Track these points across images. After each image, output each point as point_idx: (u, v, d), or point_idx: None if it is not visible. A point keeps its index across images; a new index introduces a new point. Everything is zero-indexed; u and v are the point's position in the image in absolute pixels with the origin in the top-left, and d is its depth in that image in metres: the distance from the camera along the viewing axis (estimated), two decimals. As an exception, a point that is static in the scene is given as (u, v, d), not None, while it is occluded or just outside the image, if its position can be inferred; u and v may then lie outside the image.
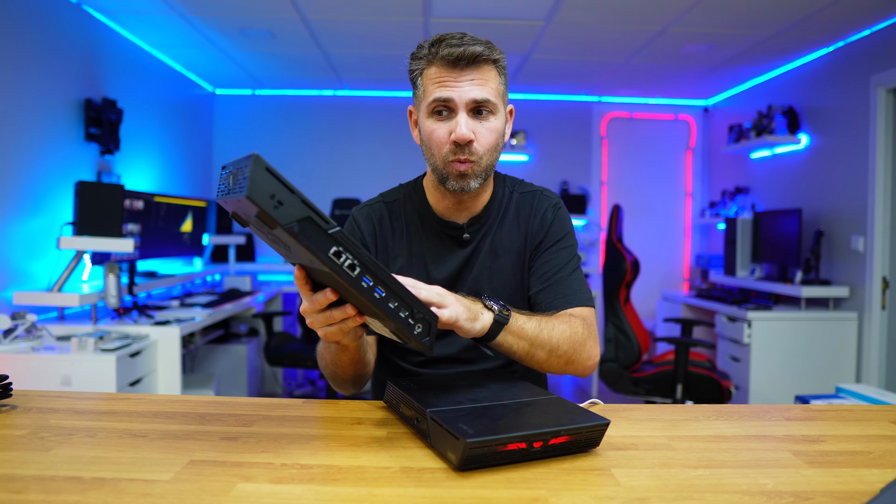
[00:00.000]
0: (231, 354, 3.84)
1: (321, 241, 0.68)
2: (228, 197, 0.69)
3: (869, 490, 0.68)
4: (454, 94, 1.01)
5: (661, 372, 2.96)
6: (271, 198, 0.64)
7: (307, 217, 0.67)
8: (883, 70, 3.14)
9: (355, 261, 0.70)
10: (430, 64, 1.05)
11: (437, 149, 1.04)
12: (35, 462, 0.73)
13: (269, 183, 0.64)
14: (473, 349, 1.14)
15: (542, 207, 1.17)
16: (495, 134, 1.05)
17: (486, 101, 1.02)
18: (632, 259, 3.12)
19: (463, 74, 1.01)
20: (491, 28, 3.34)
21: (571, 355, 1.02)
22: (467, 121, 1.02)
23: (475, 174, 1.05)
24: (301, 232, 0.66)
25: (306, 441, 0.82)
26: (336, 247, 0.69)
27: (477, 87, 1.02)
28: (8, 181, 2.53)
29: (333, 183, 4.86)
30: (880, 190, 3.18)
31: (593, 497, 0.65)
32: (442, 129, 1.03)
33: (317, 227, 0.67)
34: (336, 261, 0.69)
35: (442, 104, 1.02)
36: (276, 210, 0.65)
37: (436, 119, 1.04)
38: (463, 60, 1.01)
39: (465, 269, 1.14)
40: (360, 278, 0.71)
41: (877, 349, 3.26)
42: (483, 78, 1.02)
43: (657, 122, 5.11)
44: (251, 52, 3.85)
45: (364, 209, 1.19)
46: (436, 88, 1.03)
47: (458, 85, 1.01)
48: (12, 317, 2.31)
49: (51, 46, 2.79)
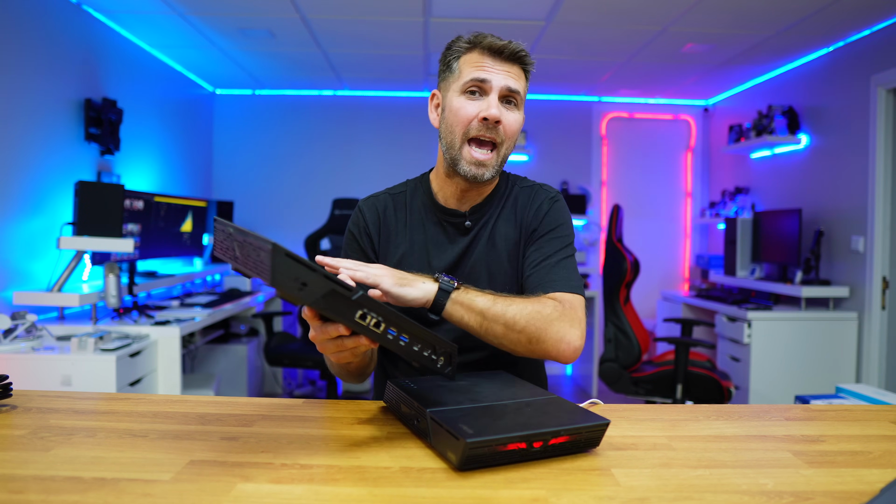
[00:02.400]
0: (231, 354, 3.84)
1: (346, 309, 0.73)
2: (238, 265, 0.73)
3: (869, 490, 0.68)
4: (492, 77, 1.08)
5: (661, 372, 2.96)
6: (295, 281, 0.68)
7: (331, 290, 0.71)
8: (883, 70, 3.14)
9: (379, 318, 0.76)
10: (471, 49, 1.11)
11: (461, 125, 1.09)
12: (35, 462, 0.73)
13: (293, 269, 0.68)
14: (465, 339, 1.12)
15: (539, 199, 1.19)
16: (517, 125, 1.12)
17: (517, 92, 1.10)
18: (632, 259, 3.12)
19: (502, 64, 1.10)
20: (491, 28, 3.31)
21: (534, 333, 0.99)
22: (497, 103, 1.08)
23: (492, 165, 1.10)
24: (327, 307, 0.71)
25: (306, 441, 0.82)
26: (361, 310, 0.74)
27: (512, 78, 1.10)
28: (8, 181, 2.53)
29: (333, 183, 4.86)
30: (880, 190, 3.18)
31: (593, 497, 0.65)
32: (471, 107, 1.09)
33: (341, 297, 0.72)
34: (362, 323, 0.75)
35: (478, 84, 1.09)
36: (301, 292, 0.69)
37: (467, 97, 1.10)
38: (506, 52, 1.09)
39: (464, 257, 1.17)
40: (386, 332, 0.77)
41: (877, 349, 3.26)
42: (517, 74, 1.11)
43: (657, 122, 5.11)
44: (251, 52, 3.85)
45: (370, 200, 1.23)
46: (474, 70, 1.09)
47: (496, 72, 1.09)
48: (12, 317, 2.31)
49: (51, 46, 2.79)
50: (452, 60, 1.13)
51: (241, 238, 0.72)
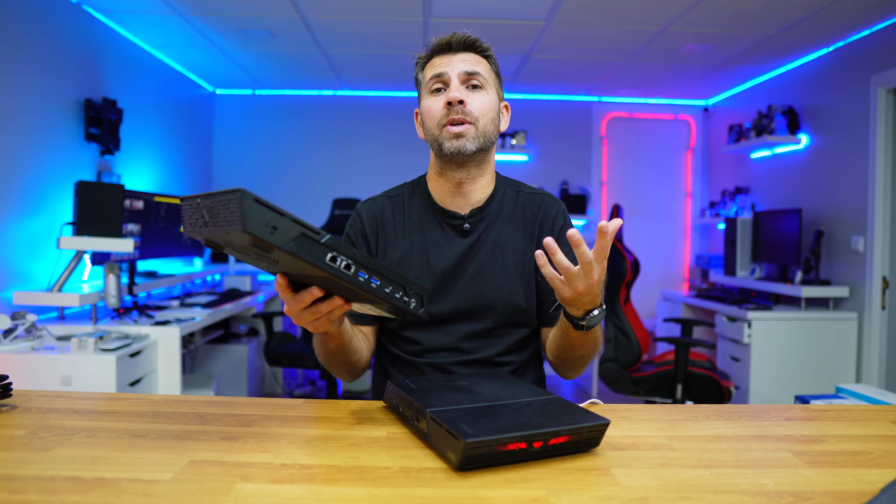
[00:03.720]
0: (231, 354, 3.84)
1: (317, 253, 0.74)
2: (208, 230, 0.73)
3: (869, 490, 0.68)
4: (446, 69, 1.13)
5: (661, 372, 2.96)
6: (265, 225, 0.69)
7: (301, 234, 0.72)
8: (883, 70, 3.14)
9: (349, 260, 0.77)
10: (429, 57, 1.18)
11: (434, 119, 1.13)
12: (35, 462, 0.73)
13: (262, 213, 0.69)
14: (472, 339, 1.15)
15: (553, 211, 1.21)
16: (488, 103, 1.14)
17: (475, 72, 1.13)
18: (632, 259, 3.12)
19: (454, 55, 1.14)
20: (491, 28, 3.34)
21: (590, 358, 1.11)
22: (459, 87, 1.12)
23: (471, 136, 1.11)
24: (299, 250, 0.72)
25: (306, 441, 0.82)
26: (331, 253, 0.75)
27: (467, 63, 1.13)
28: (8, 181, 2.53)
29: (333, 183, 4.86)
30: (880, 190, 3.18)
31: (593, 497, 0.65)
32: (438, 101, 1.13)
33: (311, 241, 0.73)
34: (333, 265, 0.75)
35: (438, 80, 1.13)
36: (272, 236, 0.70)
37: (434, 95, 1.14)
38: (453, 43, 1.14)
39: (465, 260, 1.17)
40: (357, 274, 0.78)
41: (877, 349, 3.26)
42: (473, 60, 1.15)
43: (657, 122, 5.11)
44: (251, 52, 3.85)
45: (367, 203, 1.24)
46: (431, 69, 1.15)
47: (451, 63, 1.13)
48: (12, 317, 2.31)
49: (51, 46, 2.79)
50: (418, 73, 1.20)
51: (208, 202, 0.72)
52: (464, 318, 1.16)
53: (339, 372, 1.13)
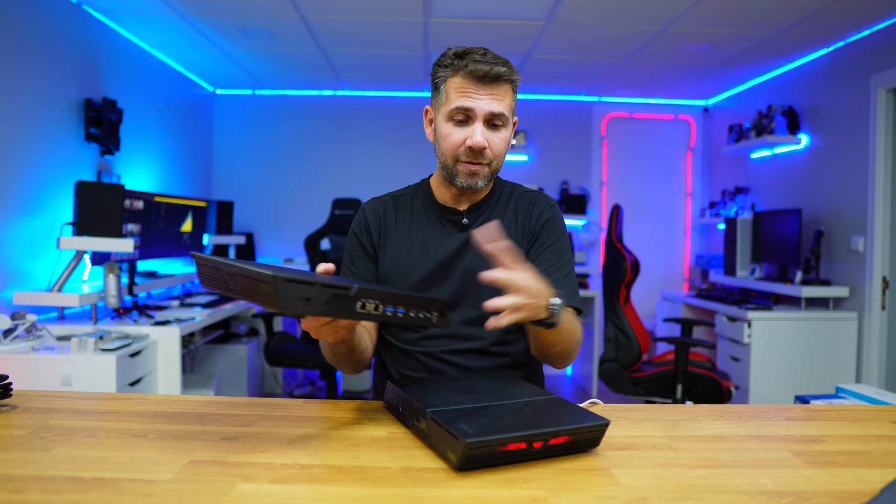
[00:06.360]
0: (231, 354, 3.84)
1: (349, 306, 0.78)
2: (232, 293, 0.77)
3: (869, 490, 0.68)
4: (475, 105, 1.12)
5: (661, 372, 2.96)
6: (300, 300, 0.73)
7: (332, 296, 0.76)
8: (883, 70, 3.14)
9: (377, 301, 0.81)
10: (455, 73, 1.14)
11: (451, 151, 1.16)
12: (35, 462, 0.73)
13: (295, 290, 0.72)
14: (468, 325, 1.19)
15: (541, 206, 1.27)
16: (504, 143, 1.18)
17: (500, 114, 1.14)
18: (632, 259, 3.12)
19: (485, 89, 1.12)
20: (491, 28, 3.34)
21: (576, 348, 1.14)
22: (483, 130, 1.13)
23: (484, 175, 1.17)
24: (332, 311, 0.76)
25: (306, 441, 0.82)
26: (360, 301, 0.79)
27: (495, 102, 1.13)
28: (8, 181, 2.53)
29: (333, 183, 4.86)
30: (880, 190, 3.18)
31: (593, 497, 0.65)
32: (458, 135, 1.14)
33: (342, 298, 0.77)
34: (363, 311, 0.80)
35: (462, 112, 1.13)
36: (307, 307, 0.73)
37: (454, 125, 1.15)
38: (487, 78, 1.12)
39: (461, 252, 1.21)
40: (384, 311, 0.83)
41: (877, 349, 3.26)
42: (501, 94, 1.14)
43: (657, 122, 5.11)
44: (251, 52, 3.85)
45: (372, 201, 1.30)
46: (458, 98, 1.13)
47: (479, 97, 1.12)
48: (12, 317, 2.31)
49: (51, 46, 2.79)
50: (440, 82, 1.17)
51: (231, 271, 0.75)
52: (460, 305, 1.19)
53: (345, 368, 1.16)
